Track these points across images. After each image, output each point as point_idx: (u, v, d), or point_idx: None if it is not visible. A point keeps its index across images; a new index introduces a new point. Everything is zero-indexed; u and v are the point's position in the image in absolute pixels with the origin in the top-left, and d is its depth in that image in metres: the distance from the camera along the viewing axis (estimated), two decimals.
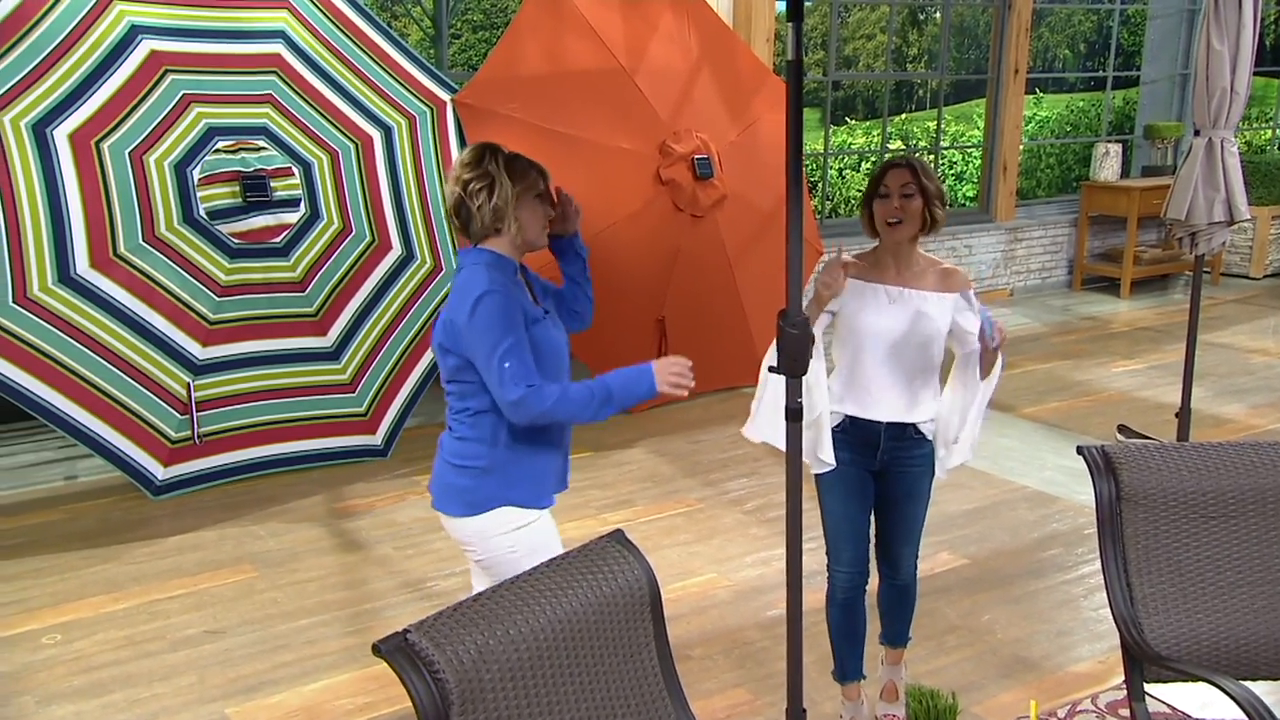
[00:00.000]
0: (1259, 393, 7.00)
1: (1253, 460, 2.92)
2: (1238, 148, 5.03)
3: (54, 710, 3.61)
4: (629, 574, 2.31)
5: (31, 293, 4.84)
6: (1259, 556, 2.87)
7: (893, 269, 3.11)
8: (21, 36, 4.85)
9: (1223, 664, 2.79)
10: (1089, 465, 2.95)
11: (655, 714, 2.28)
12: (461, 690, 1.94)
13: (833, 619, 3.39)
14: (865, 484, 3.23)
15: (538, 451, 2.84)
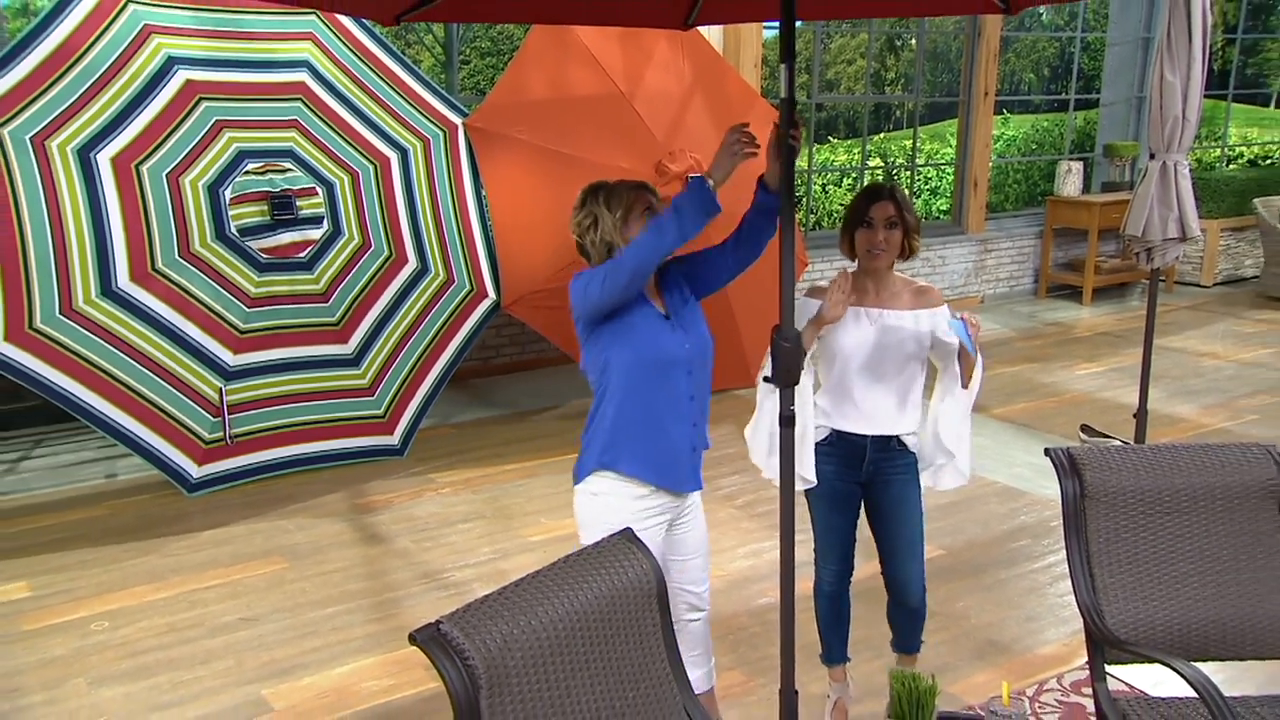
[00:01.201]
0: (1209, 394, 7.03)
1: (1203, 461, 2.97)
2: (1189, 169, 5.08)
3: (105, 691, 3.64)
4: (638, 569, 2.34)
5: (77, 305, 4.88)
6: (1208, 549, 2.92)
7: (871, 291, 3.11)
8: (68, 68, 4.88)
9: (1175, 646, 2.84)
10: (1055, 466, 2.99)
11: (661, 694, 2.32)
12: (489, 675, 1.98)
13: (820, 610, 3.41)
14: (852, 496, 3.21)
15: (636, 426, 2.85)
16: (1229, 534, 2.92)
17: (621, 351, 2.81)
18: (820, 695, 3.53)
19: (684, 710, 2.36)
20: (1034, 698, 3.57)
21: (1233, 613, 2.87)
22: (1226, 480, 2.94)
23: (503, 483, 5.51)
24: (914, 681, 2.63)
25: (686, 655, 3.15)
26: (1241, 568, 2.91)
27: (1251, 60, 15.86)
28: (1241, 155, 14.19)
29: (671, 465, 2.89)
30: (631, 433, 2.83)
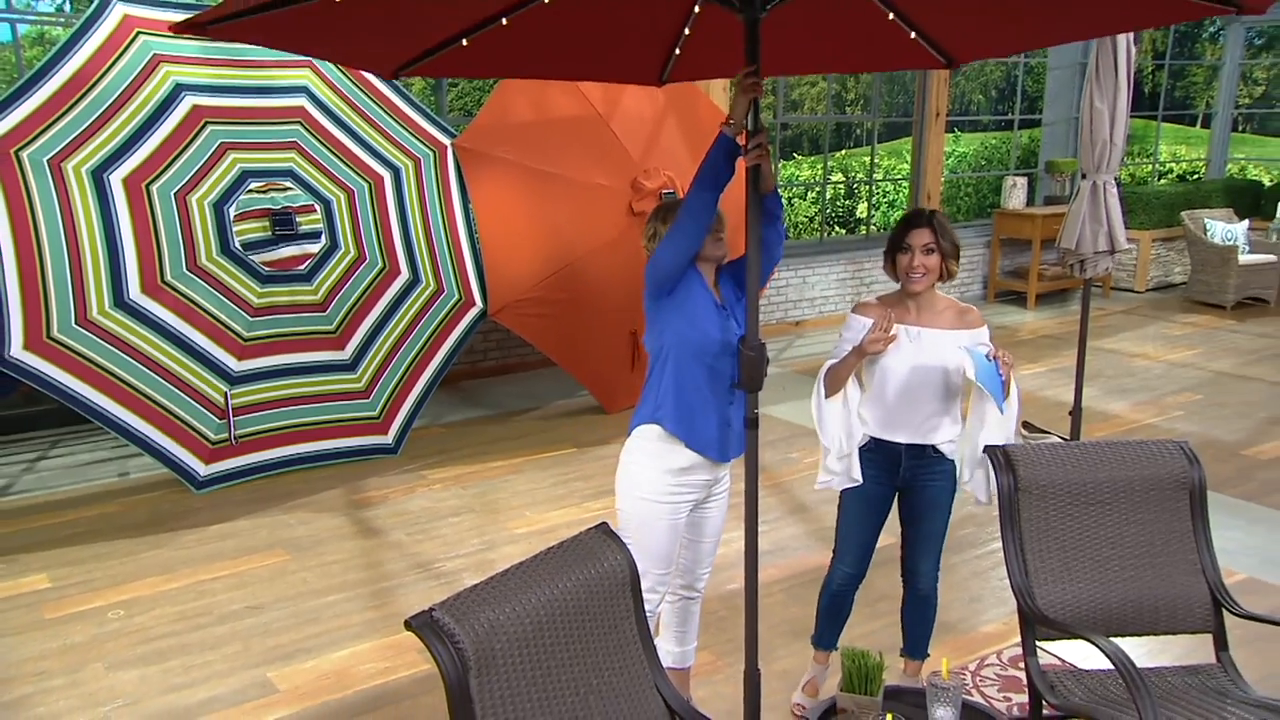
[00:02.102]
0: (1140, 392, 7.14)
1: (1123, 456, 3.08)
2: (1118, 187, 5.19)
3: (122, 674, 3.67)
4: (613, 559, 2.41)
5: (91, 315, 4.90)
6: (1127, 535, 3.03)
7: (913, 311, 3.10)
8: (82, 95, 4.91)
9: (1098, 623, 2.95)
10: (992, 462, 3.08)
11: (635, 675, 2.39)
12: (478, 657, 2.05)
13: (823, 602, 3.42)
14: (885, 499, 3.22)
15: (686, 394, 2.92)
16: (1145, 521, 3.03)
17: (680, 327, 2.88)
18: (780, 673, 3.61)
19: (655, 688, 2.43)
20: (975, 671, 3.67)
21: (1148, 592, 2.98)
22: (1144, 473, 3.05)
23: (489, 479, 5.55)
24: (863, 659, 2.72)
25: (675, 630, 3.25)
26: (1156, 552, 3.02)
27: (1179, 84, 16.16)
28: (1171, 171, 14.43)
29: (711, 436, 2.94)
30: (679, 399, 2.90)
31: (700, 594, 3.25)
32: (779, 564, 4.51)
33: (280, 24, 2.47)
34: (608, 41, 3.17)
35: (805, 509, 5.12)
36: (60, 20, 6.08)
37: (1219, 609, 2.96)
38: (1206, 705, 2.70)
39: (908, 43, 3.10)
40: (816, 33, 3.18)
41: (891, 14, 2.90)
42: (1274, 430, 6.26)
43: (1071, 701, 2.78)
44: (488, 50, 3.01)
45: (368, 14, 2.60)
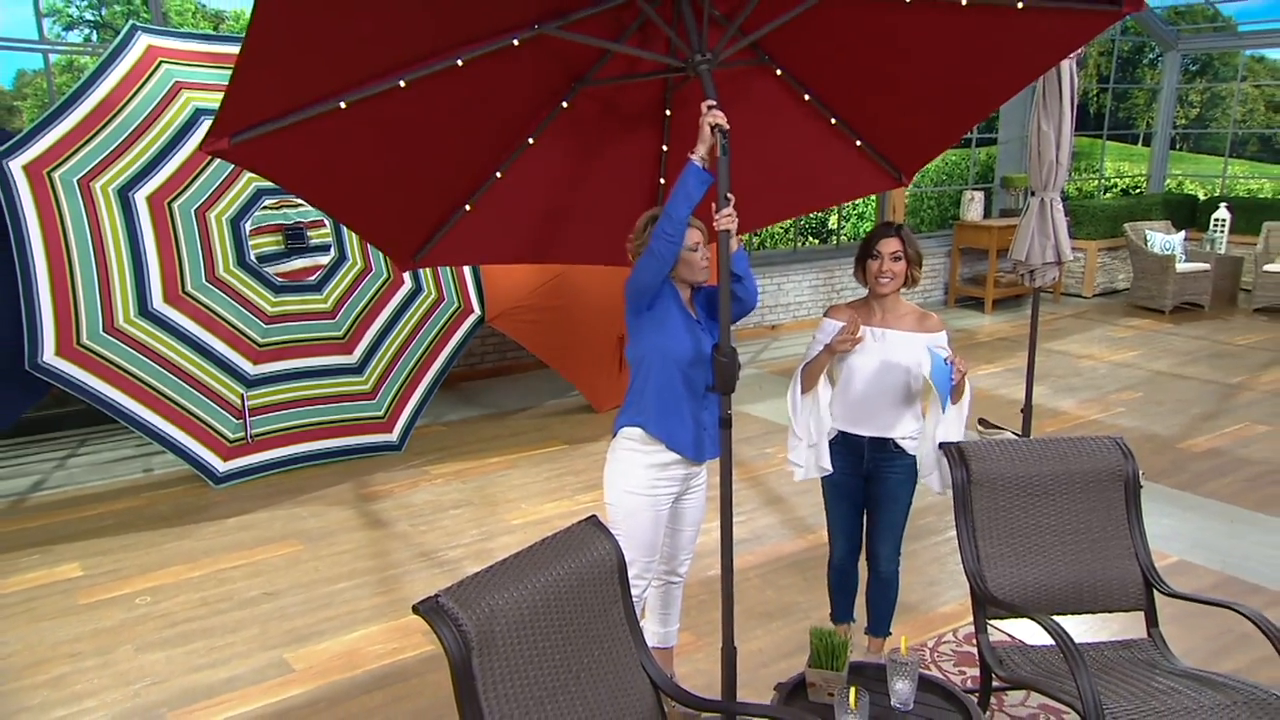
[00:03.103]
0: (1086, 390, 7.21)
1: (1065, 451, 3.16)
2: (1065, 203, 5.27)
3: (149, 656, 3.70)
4: (601, 549, 2.47)
5: (117, 323, 4.93)
6: (1069, 523, 3.11)
7: (878, 314, 3.19)
8: (109, 120, 4.93)
9: (1042, 604, 3.03)
10: (947, 457, 3.15)
11: (622, 653, 2.45)
12: (479, 638, 2.11)
13: (831, 579, 3.51)
14: (856, 489, 3.30)
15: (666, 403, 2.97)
16: (1086, 510, 3.12)
17: (657, 340, 2.92)
18: (755, 651, 3.67)
19: (641, 666, 2.50)
20: (933, 648, 3.73)
21: (1087, 575, 3.07)
22: (1084, 467, 3.14)
23: (488, 473, 5.58)
24: (830, 637, 2.77)
25: (660, 613, 3.31)
26: (1095, 538, 3.10)
27: (1122, 105, 16.35)
28: (1116, 185, 14.58)
29: (687, 439, 3.01)
30: (659, 405, 2.96)
31: (682, 579, 3.31)
32: (755, 551, 4.57)
33: (292, 162, 2.49)
34: (598, 217, 3.17)
35: (780, 500, 5.18)
36: (88, 50, 6.08)
37: (1150, 589, 3.05)
38: (1138, 675, 2.79)
39: (861, 164, 3.17)
40: (773, 180, 3.21)
41: (834, 119, 2.98)
42: (1206, 425, 6.36)
43: (1018, 674, 2.87)
44: (486, 234, 3.03)
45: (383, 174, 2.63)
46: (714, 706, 2.70)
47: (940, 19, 2.61)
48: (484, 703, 2.13)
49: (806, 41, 2.82)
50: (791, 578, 4.28)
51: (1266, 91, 18.65)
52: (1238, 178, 15.19)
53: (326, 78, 2.35)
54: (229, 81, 2.20)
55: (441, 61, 2.47)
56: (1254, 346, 8.49)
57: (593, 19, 2.60)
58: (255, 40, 2.10)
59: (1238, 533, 4.70)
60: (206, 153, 2.31)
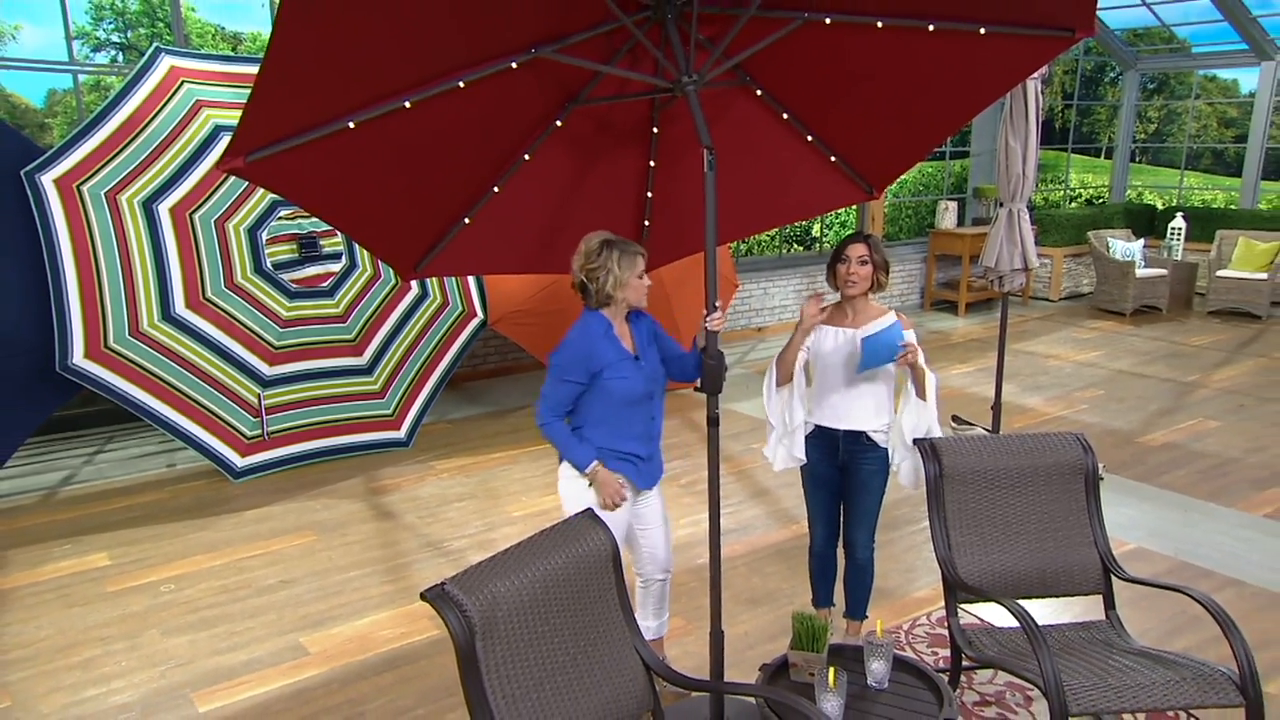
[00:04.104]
0: (1053, 388, 7.23)
1: (1030, 447, 3.19)
2: (1031, 213, 5.29)
3: (174, 639, 3.72)
4: (597, 539, 2.49)
5: (142, 327, 4.93)
6: (1033, 513, 3.14)
7: (849, 315, 3.23)
8: (134, 136, 4.93)
9: (1009, 589, 3.05)
10: (921, 452, 3.18)
11: (616, 637, 2.47)
12: (483, 624, 2.13)
13: (813, 566, 3.53)
14: (833, 479, 3.32)
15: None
16: (1049, 502, 3.14)
17: (600, 396, 2.89)
18: (741, 635, 3.68)
19: (634, 649, 2.51)
20: (908, 630, 3.75)
21: (1051, 561, 3.09)
22: (1047, 461, 3.16)
23: (490, 468, 5.59)
24: (811, 621, 2.80)
25: (651, 607, 3.31)
26: (1058, 527, 3.13)
27: (1086, 121, 16.42)
28: (1080, 196, 14.64)
29: (630, 474, 3.00)
30: (601, 443, 2.94)
31: (669, 574, 3.28)
32: (742, 541, 4.59)
33: (303, 179, 2.49)
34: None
35: (766, 492, 5.20)
36: (114, 70, 6.07)
37: (1108, 574, 3.08)
38: (1096, 654, 2.81)
39: (835, 178, 3.19)
40: (754, 193, 3.22)
41: (810, 136, 3.00)
42: (1163, 421, 6.40)
43: (985, 654, 2.89)
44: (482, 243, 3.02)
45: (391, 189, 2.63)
46: (702, 686, 2.71)
47: (908, 43, 2.63)
48: (487, 683, 2.15)
49: (785, 64, 2.84)
50: (776, 565, 4.30)
51: (1219, 109, 18.75)
52: (1193, 189, 15.25)
53: (337, 99, 2.36)
54: (246, 103, 2.21)
55: (445, 83, 2.48)
56: (1208, 347, 8.53)
57: (586, 43, 2.62)
58: (272, 66, 2.11)
59: (1191, 521, 4.73)
60: (223, 171, 2.32)
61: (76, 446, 6.02)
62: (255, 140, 2.31)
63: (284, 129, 2.34)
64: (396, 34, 2.27)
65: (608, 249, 2.84)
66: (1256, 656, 3.45)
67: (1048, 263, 10.61)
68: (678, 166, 3.09)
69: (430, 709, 3.24)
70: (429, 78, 2.47)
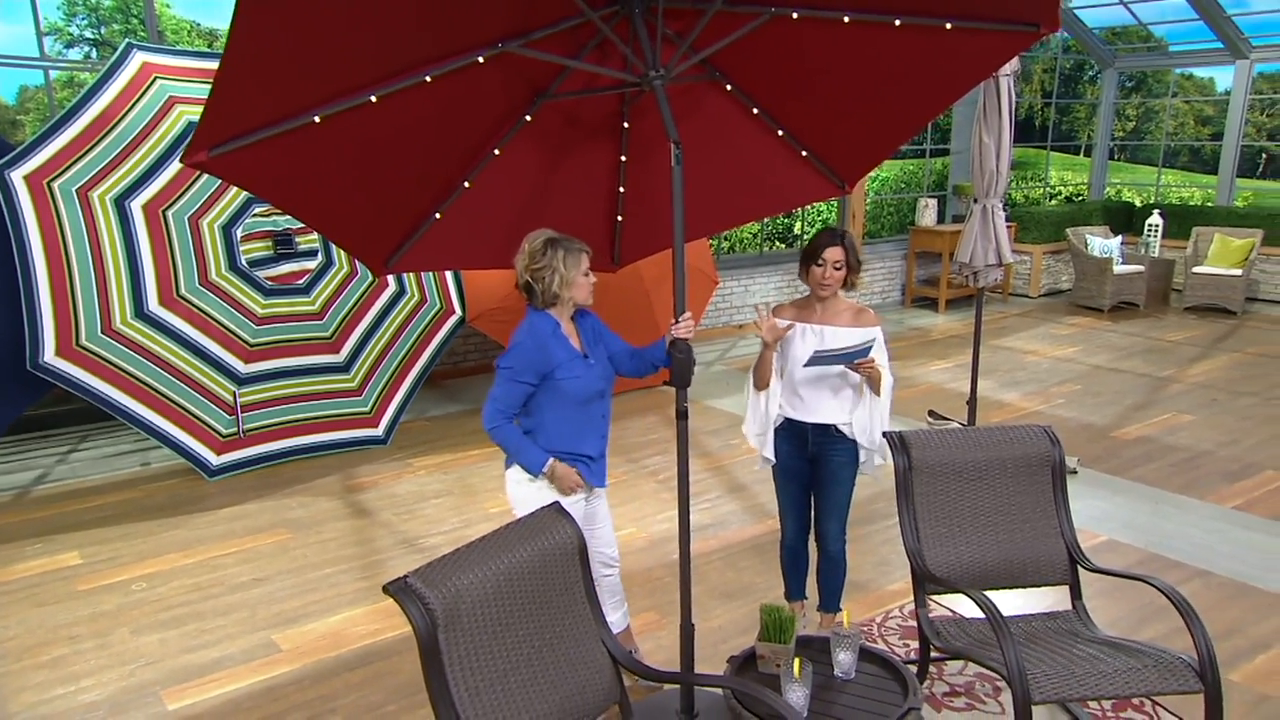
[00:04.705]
0: (1030, 383, 7.28)
1: (998, 439, 3.21)
2: (1005, 209, 5.33)
3: (145, 638, 3.69)
4: (564, 533, 2.50)
5: (115, 325, 4.89)
6: (1001, 505, 3.16)
7: (818, 311, 3.25)
8: (107, 133, 4.89)
9: (977, 580, 3.08)
10: (890, 445, 3.21)
11: (583, 630, 2.47)
12: (445, 615, 2.13)
13: (784, 558, 3.55)
14: (803, 471, 3.34)
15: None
16: (1016, 494, 3.17)
17: (551, 396, 2.88)
18: (715, 628, 3.70)
19: (601, 642, 2.52)
20: (881, 623, 3.78)
21: (1018, 553, 3.12)
22: (1014, 453, 3.19)
23: (468, 465, 5.58)
24: (779, 613, 2.82)
25: (607, 602, 3.31)
26: (1025, 519, 3.16)
27: (1065, 119, 16.54)
28: (1060, 193, 14.73)
29: (587, 470, 3.01)
30: (550, 445, 2.94)
31: (617, 566, 3.29)
32: (718, 535, 4.60)
33: (269, 175, 2.49)
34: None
35: (743, 488, 5.22)
36: (88, 66, 6.03)
37: (1074, 565, 3.11)
38: (1061, 644, 2.85)
39: (807, 173, 3.21)
40: (726, 188, 3.23)
41: (781, 131, 3.02)
42: (1137, 415, 6.46)
43: (953, 645, 2.91)
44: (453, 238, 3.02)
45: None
46: (668, 678, 2.72)
47: (876, 38, 2.65)
48: (450, 676, 2.15)
49: (754, 59, 2.85)
50: (751, 560, 4.32)
51: (1195, 107, 18.95)
52: (1170, 186, 15.39)
53: (301, 93, 2.36)
54: (208, 97, 2.20)
55: (411, 77, 2.49)
56: (1184, 342, 8.61)
57: (553, 37, 2.62)
58: (233, 57, 2.10)
59: (1162, 514, 4.78)
60: (186, 165, 2.31)
61: (50, 445, 5.97)
62: (219, 134, 2.31)
63: (248, 123, 2.33)
64: (359, 28, 2.27)
65: (552, 248, 2.82)
66: (1222, 645, 3.52)
67: (1027, 259, 10.68)
68: (650, 162, 3.10)
69: (401, 705, 3.24)
70: (394, 72, 2.47)
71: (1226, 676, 3.32)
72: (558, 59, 2.65)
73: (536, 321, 2.89)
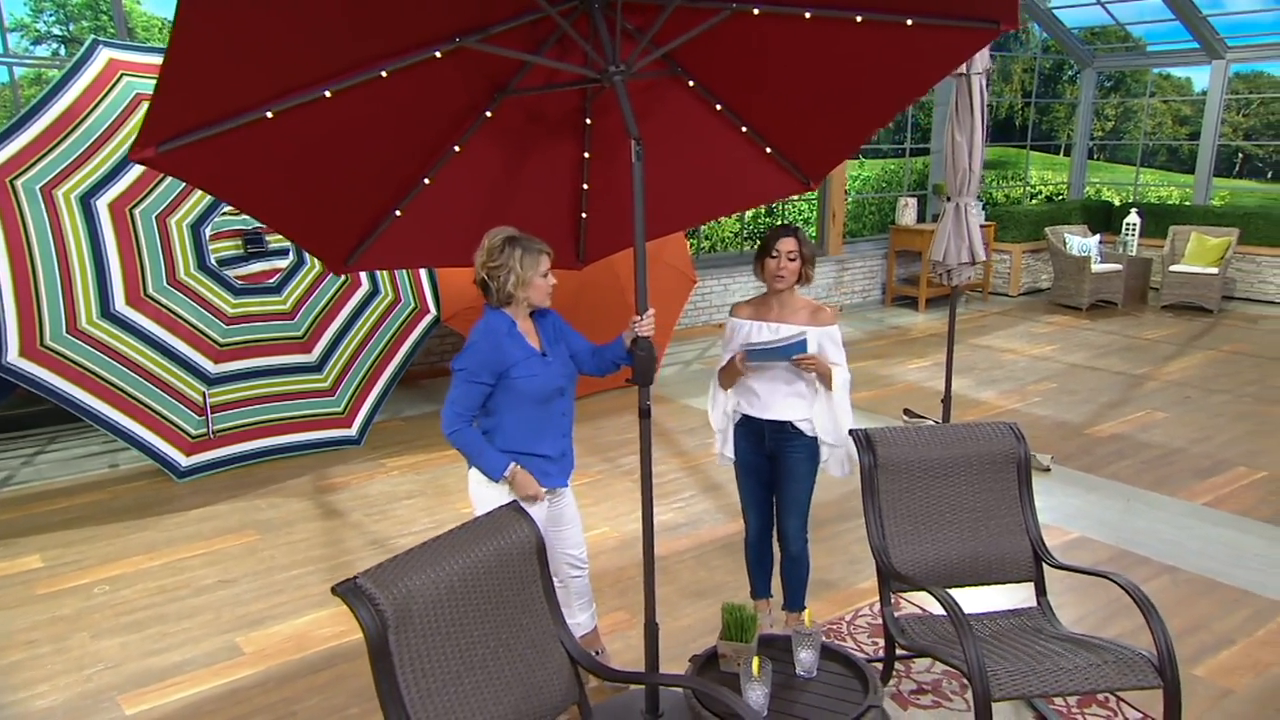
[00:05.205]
0: (1008, 382, 7.31)
1: (963, 436, 3.21)
2: (979, 208, 5.34)
3: (104, 642, 3.64)
4: (521, 532, 2.47)
5: (80, 324, 4.83)
6: (966, 502, 3.16)
7: (775, 309, 3.24)
8: (72, 130, 4.83)
9: (942, 577, 3.07)
10: (856, 443, 3.19)
11: (541, 629, 2.45)
12: (396, 616, 2.11)
13: (749, 556, 3.53)
14: (761, 466, 3.33)
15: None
16: (981, 491, 3.17)
17: (509, 396, 2.85)
18: (684, 628, 3.68)
19: (560, 642, 2.50)
20: (851, 621, 3.77)
21: (983, 550, 3.12)
22: (980, 450, 3.19)
23: (442, 465, 5.54)
24: (740, 611, 2.81)
25: (575, 603, 3.29)
26: (990, 516, 3.16)
27: (1045, 118, 16.66)
28: (1040, 193, 14.82)
29: (545, 471, 2.98)
30: (511, 447, 2.91)
31: (586, 567, 3.26)
32: (691, 535, 4.59)
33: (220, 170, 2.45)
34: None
35: (718, 486, 5.21)
36: (55, 63, 5.95)
37: (1039, 562, 3.11)
38: (1024, 640, 2.84)
39: (771, 170, 3.20)
40: (690, 186, 3.21)
41: (744, 128, 3.01)
42: (1111, 412, 6.49)
43: (917, 642, 2.91)
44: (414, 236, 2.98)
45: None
46: (626, 678, 2.71)
47: (837, 34, 2.64)
48: (400, 677, 2.12)
49: (717, 55, 2.84)
50: (723, 559, 4.31)
51: (1173, 107, 19.09)
52: (1149, 185, 15.49)
53: (252, 88, 2.32)
54: (154, 91, 2.17)
55: (366, 72, 2.46)
56: (1160, 340, 8.67)
57: (512, 32, 2.60)
58: (179, 48, 2.07)
59: (1134, 510, 4.80)
60: (134, 161, 2.28)
61: (16, 447, 5.90)
62: (167, 129, 2.27)
63: (198, 117, 2.30)
64: (313, 21, 2.23)
65: (511, 246, 2.78)
66: (1188, 640, 3.53)
67: (1007, 259, 10.72)
68: (614, 158, 3.08)
69: (364, 707, 3.21)
70: (349, 67, 2.44)
71: (1191, 671, 3.34)
72: (517, 54, 2.62)
73: (492, 320, 2.86)
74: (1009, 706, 3.10)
